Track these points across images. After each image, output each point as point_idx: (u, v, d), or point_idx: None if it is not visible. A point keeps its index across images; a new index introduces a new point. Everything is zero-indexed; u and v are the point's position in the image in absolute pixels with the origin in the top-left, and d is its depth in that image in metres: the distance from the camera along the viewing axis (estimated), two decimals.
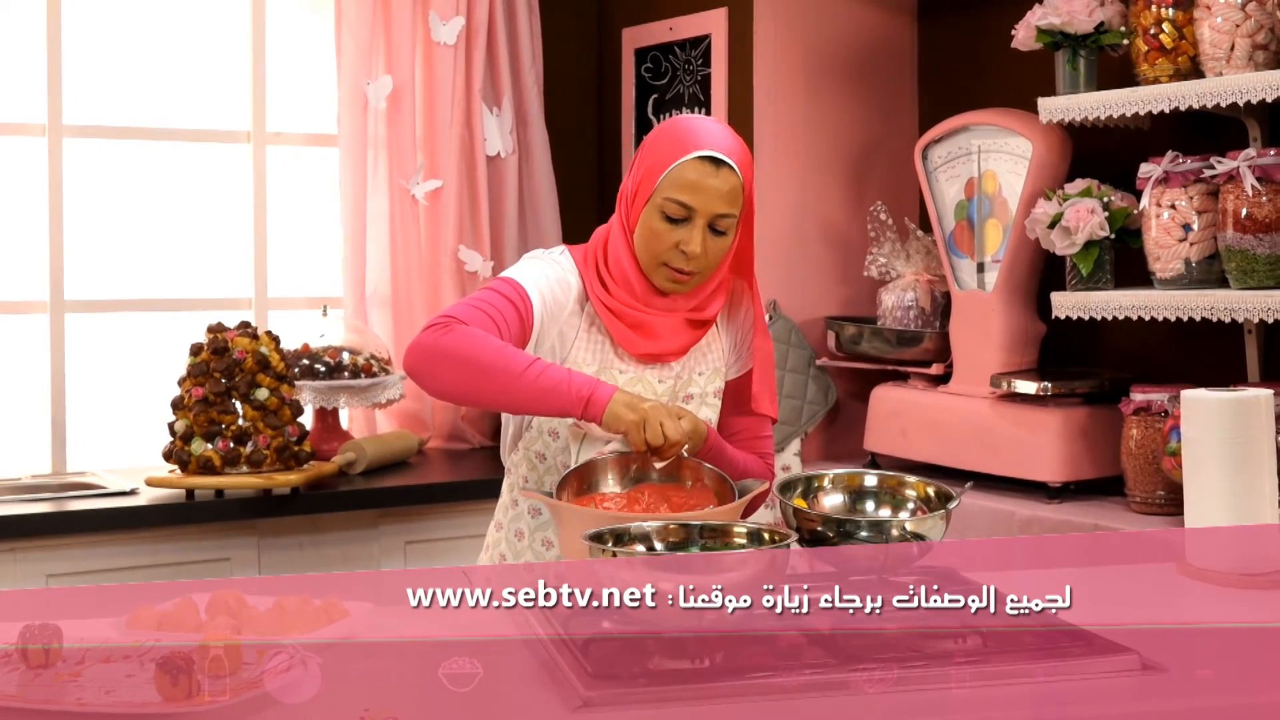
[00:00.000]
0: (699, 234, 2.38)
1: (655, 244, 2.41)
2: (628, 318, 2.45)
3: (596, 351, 2.47)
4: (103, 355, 4.17)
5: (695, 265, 2.40)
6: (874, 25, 4.18)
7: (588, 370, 2.44)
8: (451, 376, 2.32)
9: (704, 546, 2.05)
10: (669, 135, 2.44)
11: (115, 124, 4.17)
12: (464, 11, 4.28)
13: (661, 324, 2.46)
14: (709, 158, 2.38)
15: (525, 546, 2.52)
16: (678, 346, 2.47)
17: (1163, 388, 3.22)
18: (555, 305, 2.44)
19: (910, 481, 2.38)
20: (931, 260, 3.85)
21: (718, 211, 2.38)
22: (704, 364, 2.52)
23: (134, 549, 3.46)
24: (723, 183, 2.38)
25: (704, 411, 2.50)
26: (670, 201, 2.38)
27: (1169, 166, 3.12)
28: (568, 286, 2.45)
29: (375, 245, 4.27)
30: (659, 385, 2.47)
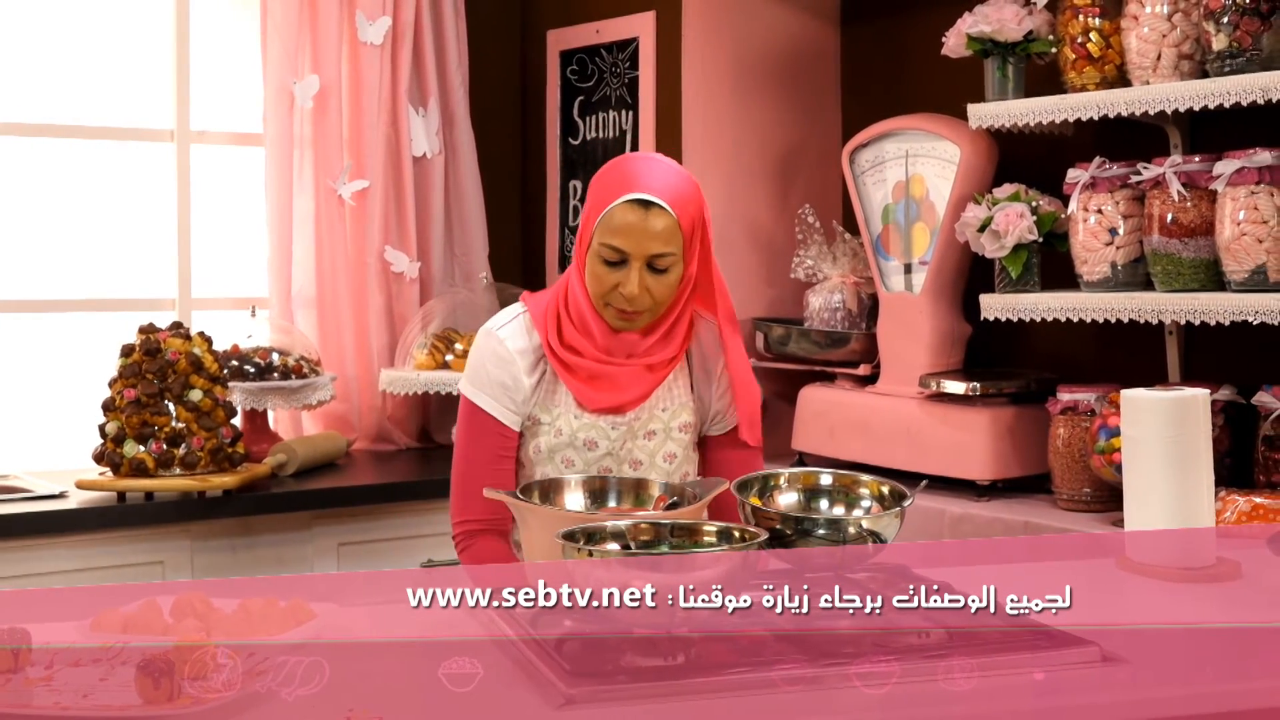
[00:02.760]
0: (635, 275, 2.44)
1: (597, 287, 2.48)
2: (581, 372, 2.53)
3: (559, 396, 2.55)
4: (22, 356, 4.11)
5: (637, 305, 2.47)
6: (798, 30, 4.23)
7: (553, 412, 2.53)
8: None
9: (674, 545, 2.07)
10: (606, 178, 2.51)
11: (36, 121, 4.10)
12: (390, 12, 4.27)
13: (619, 374, 2.53)
14: (638, 200, 2.43)
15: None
16: (636, 395, 2.54)
17: (1088, 388, 3.30)
18: (512, 388, 2.54)
19: (864, 480, 2.42)
20: (858, 262, 3.91)
21: (652, 252, 2.44)
22: (667, 399, 2.58)
23: (65, 553, 3.41)
24: (654, 223, 2.43)
25: (669, 445, 2.56)
26: (604, 246, 2.45)
27: (1096, 172, 3.20)
28: (512, 363, 2.53)
29: (301, 245, 4.25)
30: (611, 432, 2.54)
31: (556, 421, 2.54)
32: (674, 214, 2.45)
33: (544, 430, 2.54)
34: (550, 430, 2.54)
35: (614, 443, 2.54)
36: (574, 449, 2.54)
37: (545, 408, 2.55)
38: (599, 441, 2.54)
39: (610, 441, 2.54)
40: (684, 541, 2.08)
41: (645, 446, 2.55)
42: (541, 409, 2.55)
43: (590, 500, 2.34)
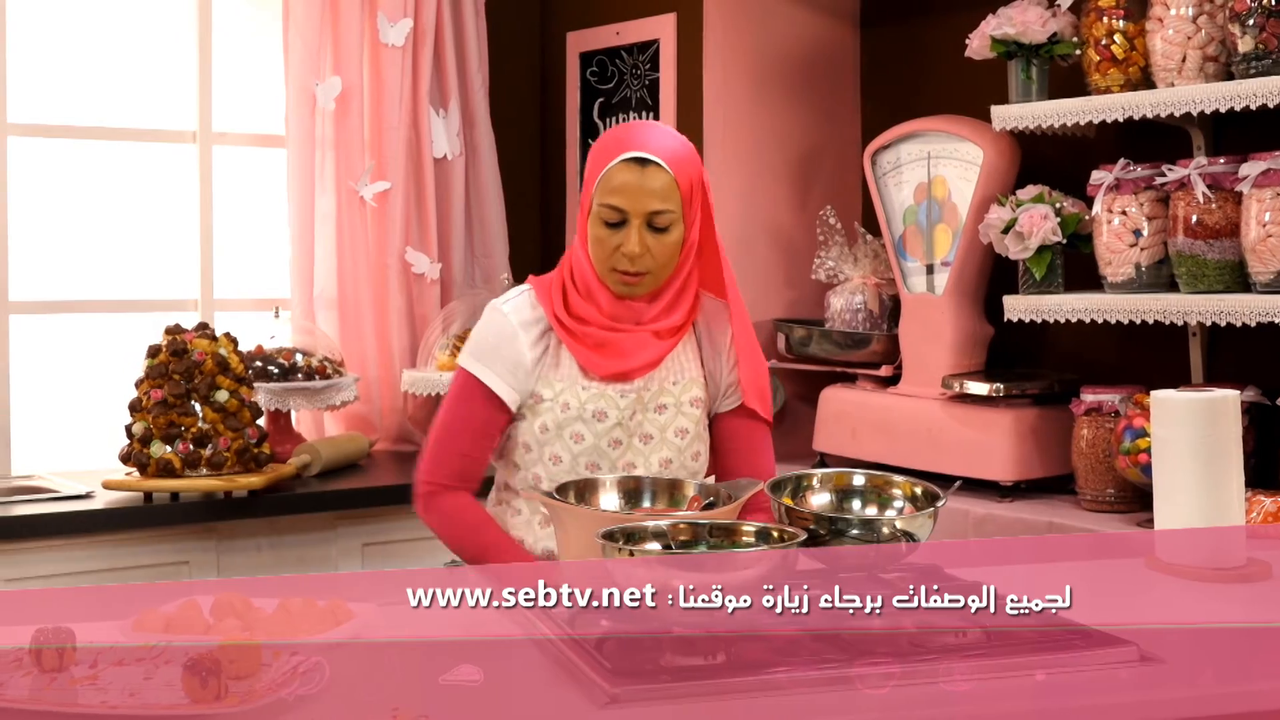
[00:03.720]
0: (635, 234, 2.46)
1: (600, 250, 2.50)
2: (589, 339, 2.53)
3: (564, 369, 2.55)
4: (46, 357, 4.12)
5: (640, 265, 2.48)
6: (819, 32, 4.25)
7: (556, 387, 2.53)
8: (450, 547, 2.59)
9: (712, 545, 2.08)
10: (603, 143, 2.54)
11: (60, 123, 4.12)
12: (412, 13, 4.28)
13: (626, 341, 2.53)
14: (635, 158, 2.46)
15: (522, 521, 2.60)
16: (644, 362, 2.54)
17: (1112, 389, 3.31)
18: (514, 364, 2.53)
19: (897, 481, 2.43)
20: (879, 264, 3.92)
21: (650, 209, 2.46)
22: (678, 373, 2.58)
23: (91, 553, 3.43)
24: (651, 180, 2.46)
25: (680, 420, 2.56)
26: (604, 207, 2.47)
27: (1120, 174, 3.21)
28: (516, 338, 2.54)
29: (323, 247, 4.26)
30: (621, 400, 2.53)
31: (561, 395, 2.53)
32: (671, 172, 2.47)
33: (547, 407, 2.53)
34: (555, 405, 2.53)
35: (623, 413, 2.52)
36: (582, 422, 2.52)
37: (548, 382, 2.54)
38: (608, 412, 2.52)
39: (620, 411, 2.52)
40: (722, 541, 2.09)
41: (656, 420, 2.55)
42: (544, 383, 2.54)
43: (625, 501, 2.35)
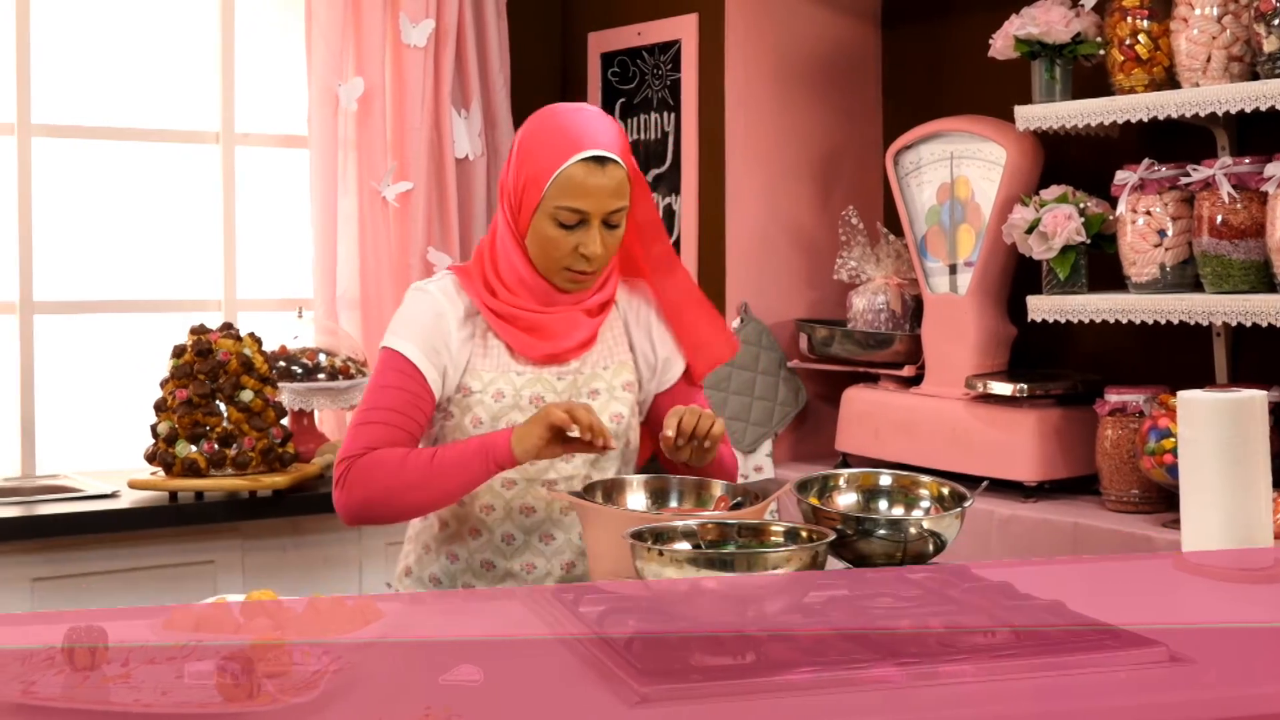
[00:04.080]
0: (597, 235, 2.39)
1: (553, 250, 2.41)
2: (521, 321, 2.45)
3: (493, 359, 2.46)
4: (71, 357, 4.14)
5: (596, 264, 2.42)
6: (840, 32, 4.25)
7: (485, 377, 2.45)
8: (385, 515, 2.42)
9: (740, 545, 2.09)
10: (549, 136, 2.41)
11: (84, 124, 4.14)
12: (434, 14, 4.29)
13: (557, 321, 2.46)
14: (594, 158, 2.38)
15: (432, 559, 2.53)
16: (577, 342, 2.48)
17: (1137, 389, 3.30)
18: (441, 345, 2.43)
19: (924, 481, 2.44)
20: (901, 264, 3.92)
21: (610, 209, 2.39)
22: (608, 357, 2.53)
23: (117, 552, 3.45)
24: (610, 179, 2.38)
25: (613, 406, 2.50)
26: (562, 209, 2.37)
27: (1145, 174, 3.21)
28: (443, 317, 2.44)
29: (345, 247, 4.28)
30: (558, 383, 2.48)
31: (493, 385, 2.45)
32: (624, 166, 2.41)
33: (477, 399, 2.45)
34: (488, 395, 2.44)
35: (560, 396, 2.45)
36: (519, 410, 2.44)
37: (475, 373, 2.45)
38: (545, 396, 2.45)
39: (557, 395, 2.45)
40: (750, 541, 2.10)
41: (590, 406, 2.46)
42: (471, 375, 2.45)
43: (652, 500, 2.35)
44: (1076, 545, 3.18)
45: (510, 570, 2.47)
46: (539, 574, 2.47)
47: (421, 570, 2.54)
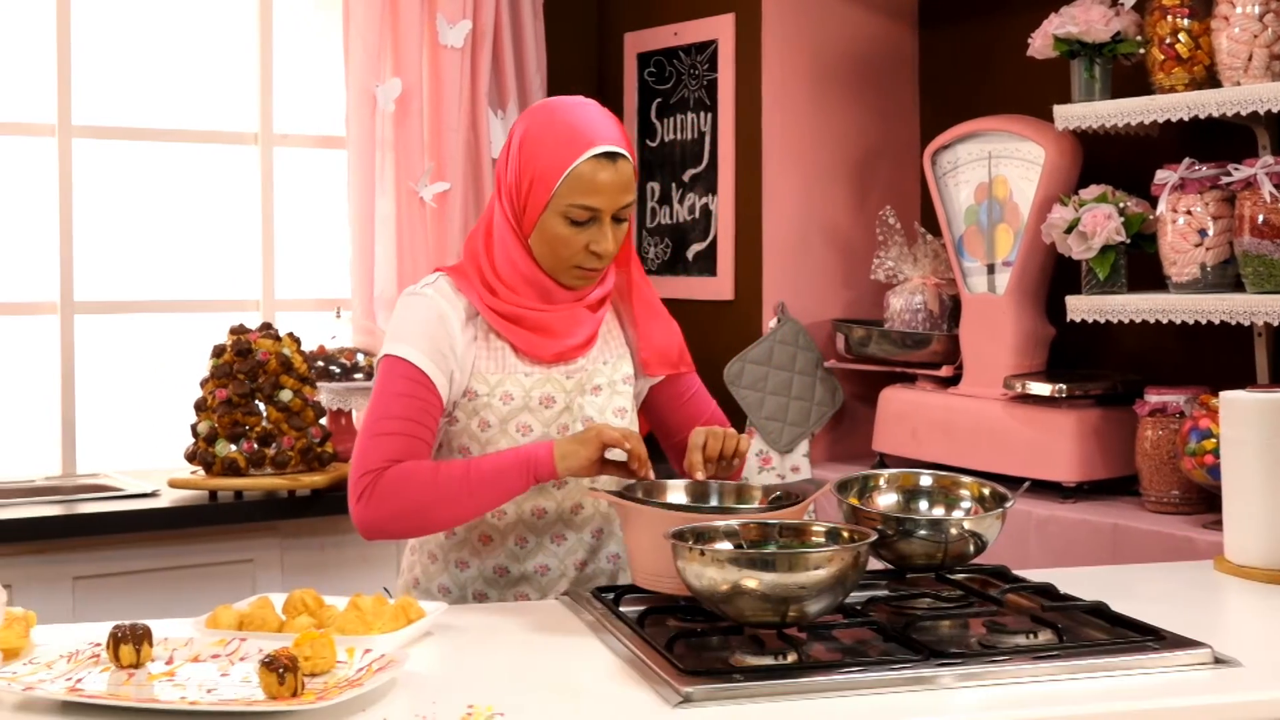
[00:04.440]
0: (609, 231, 2.36)
1: (564, 249, 2.36)
2: (526, 321, 2.40)
3: (498, 360, 2.41)
4: (110, 357, 4.17)
5: (607, 260, 2.39)
6: (877, 32, 4.24)
7: (491, 380, 2.39)
8: (412, 530, 2.36)
9: (781, 545, 2.08)
10: (555, 132, 2.35)
11: (124, 125, 4.17)
12: (470, 15, 4.31)
13: (562, 319, 2.42)
14: (606, 154, 2.33)
15: (440, 568, 2.49)
16: (583, 339, 2.44)
17: (1177, 389, 3.28)
18: (446, 348, 2.37)
19: (964, 482, 2.43)
20: (939, 264, 3.91)
21: (621, 204, 2.36)
22: (607, 352, 2.50)
23: (158, 550, 3.47)
24: (620, 175, 2.34)
25: (616, 400, 2.48)
26: (575, 207, 2.32)
27: (1185, 173, 3.19)
28: (445, 319, 2.37)
29: (383, 247, 4.29)
30: (567, 382, 2.44)
31: (500, 387, 2.39)
32: (631, 160, 2.37)
33: (484, 402, 2.39)
34: (495, 398, 2.39)
35: (569, 395, 2.42)
36: (529, 411, 2.39)
37: (481, 376, 2.38)
38: (555, 396, 2.41)
39: (566, 394, 2.41)
40: (792, 541, 2.09)
41: (594, 402, 2.44)
42: (477, 379, 2.38)
43: (692, 500, 2.35)
44: (1116, 546, 3.17)
45: (524, 573, 2.44)
46: (553, 575, 2.45)
47: (429, 581, 2.49)
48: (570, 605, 2.30)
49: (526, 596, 2.43)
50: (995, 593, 2.27)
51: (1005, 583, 2.34)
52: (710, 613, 2.08)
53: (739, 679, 1.84)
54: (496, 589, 2.45)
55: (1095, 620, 2.14)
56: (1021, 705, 1.83)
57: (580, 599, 2.31)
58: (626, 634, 2.06)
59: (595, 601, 2.25)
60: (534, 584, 2.44)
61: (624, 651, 2.01)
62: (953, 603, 2.21)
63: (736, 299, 4.21)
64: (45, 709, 1.79)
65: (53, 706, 1.80)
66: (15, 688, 1.81)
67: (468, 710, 1.77)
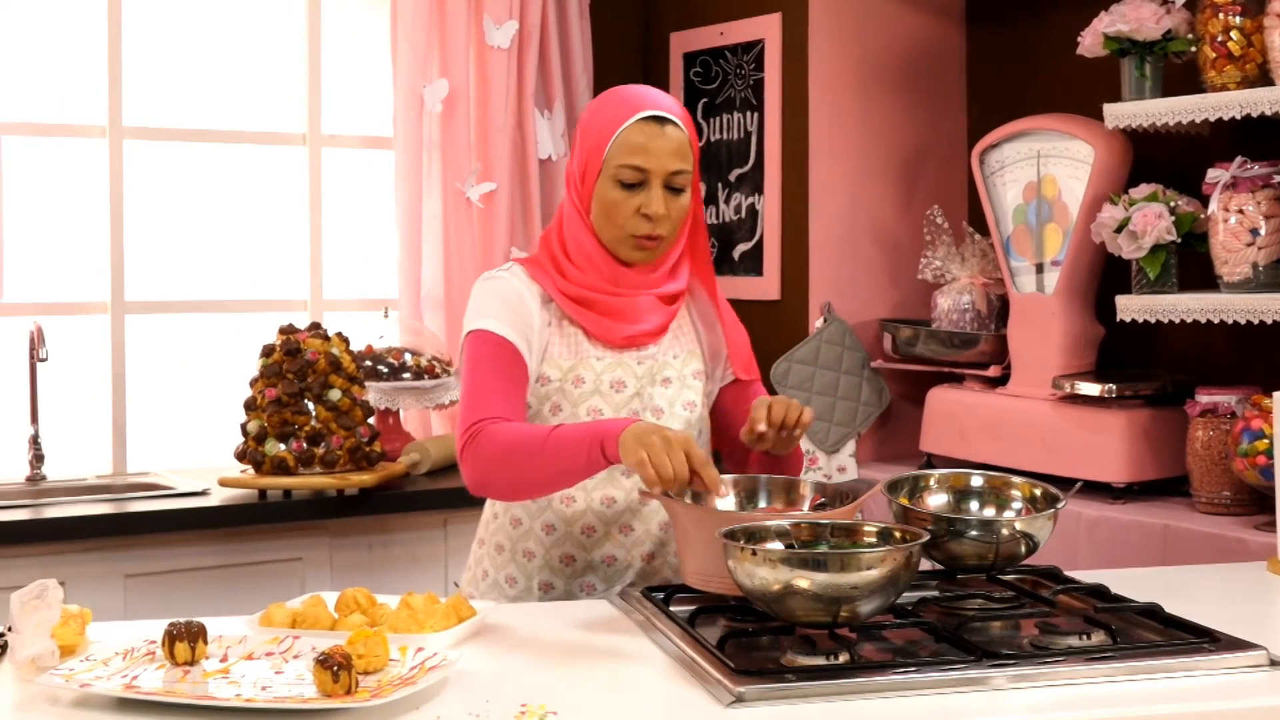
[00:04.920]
0: (658, 193, 2.38)
1: (616, 214, 2.40)
2: (599, 305, 2.43)
3: (571, 346, 2.44)
4: (162, 356, 4.20)
5: (661, 228, 2.40)
6: (924, 31, 4.23)
7: (564, 365, 2.42)
8: (504, 486, 2.31)
9: (833, 545, 2.08)
10: (606, 106, 2.44)
11: (174, 126, 4.20)
12: (517, 15, 4.31)
13: (637, 304, 2.44)
14: (652, 117, 2.39)
15: (506, 559, 2.51)
16: (655, 327, 2.46)
17: (1228, 390, 3.26)
18: (526, 325, 2.40)
19: (1015, 482, 2.42)
20: (987, 263, 3.90)
21: (671, 169, 2.39)
22: (677, 346, 2.51)
23: (208, 549, 3.49)
24: (670, 140, 2.39)
25: (686, 393, 2.49)
26: (624, 168, 2.38)
27: (1237, 172, 3.17)
28: (523, 298, 2.41)
29: (430, 247, 4.31)
30: (638, 368, 2.46)
31: (573, 371, 2.42)
32: (685, 130, 2.41)
33: (556, 388, 2.42)
34: (567, 382, 2.42)
35: (640, 381, 2.44)
36: (600, 395, 2.42)
37: (555, 362, 2.42)
38: (626, 381, 2.43)
39: (637, 380, 2.44)
40: (843, 541, 2.09)
41: (664, 394, 2.46)
42: (550, 364, 2.42)
43: (743, 499, 2.35)
44: (1167, 547, 3.15)
45: (590, 563, 2.45)
46: (619, 566, 2.45)
47: (497, 573, 2.51)
48: (619, 605, 2.30)
49: (593, 588, 2.44)
50: (1047, 594, 2.26)
51: (1057, 584, 2.33)
52: (760, 613, 2.08)
53: (791, 679, 1.83)
54: (563, 579, 2.46)
55: (1148, 622, 2.13)
56: (1075, 707, 1.82)
57: (630, 598, 2.31)
58: (677, 633, 2.06)
59: (645, 601, 2.25)
60: (600, 574, 2.45)
61: (675, 651, 2.02)
62: (1004, 604, 2.21)
63: (783, 299, 4.21)
64: (101, 705, 1.81)
65: (109, 703, 1.81)
66: (72, 685, 1.83)
67: (520, 709, 1.77)
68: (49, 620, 1.97)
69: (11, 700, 1.85)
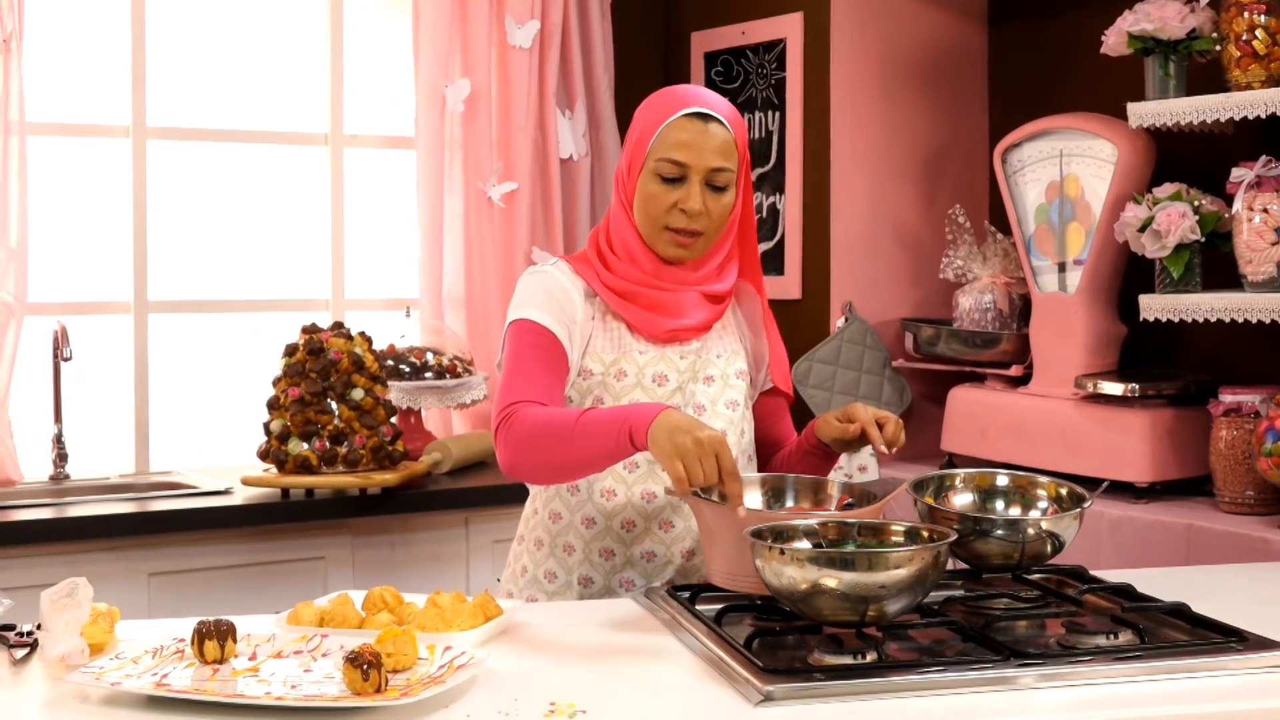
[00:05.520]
0: (697, 190, 2.39)
1: (654, 207, 2.42)
2: (642, 299, 2.45)
3: (614, 340, 2.45)
4: (182, 355, 4.21)
5: (698, 224, 2.41)
6: (946, 30, 4.22)
7: (606, 358, 2.44)
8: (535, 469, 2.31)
9: (860, 545, 2.08)
10: (654, 102, 2.47)
11: (197, 126, 4.21)
12: (539, 15, 4.32)
13: (680, 299, 2.45)
14: (696, 114, 2.41)
15: (546, 554, 2.50)
16: (698, 322, 2.47)
17: (1252, 389, 3.25)
18: (569, 317, 2.43)
19: (1041, 482, 2.41)
20: (1009, 262, 3.89)
21: (712, 166, 2.40)
22: (720, 345, 2.52)
23: (231, 547, 3.50)
24: (713, 137, 2.40)
25: (729, 392, 2.50)
26: (664, 162, 2.40)
27: (1262, 171, 3.16)
28: (566, 291, 2.44)
29: (451, 246, 4.31)
30: (680, 362, 2.46)
31: (615, 365, 2.42)
32: (730, 130, 2.42)
33: (599, 381, 2.42)
34: (609, 375, 2.42)
35: (683, 376, 2.45)
36: (642, 389, 2.42)
37: (597, 356, 2.43)
38: (669, 375, 2.44)
39: (680, 375, 2.44)
40: (870, 541, 2.09)
41: (706, 391, 2.47)
42: (593, 358, 2.43)
43: (770, 499, 2.35)
44: (1190, 547, 3.14)
45: (630, 558, 2.44)
46: (659, 563, 2.44)
47: (536, 568, 2.51)
48: (644, 604, 2.30)
49: (632, 584, 2.44)
50: (1073, 593, 2.26)
51: (1082, 583, 2.33)
52: (787, 612, 2.08)
53: (820, 678, 1.84)
54: (602, 574, 2.45)
55: (1176, 621, 2.13)
56: (1103, 706, 1.82)
57: (655, 597, 2.31)
58: (704, 632, 2.06)
59: (671, 600, 2.25)
60: (640, 570, 2.44)
61: (702, 650, 2.02)
62: (1031, 603, 2.21)
63: (804, 298, 4.21)
64: (131, 703, 1.81)
65: (139, 701, 1.82)
66: (103, 682, 1.84)
67: (550, 707, 1.78)
68: (79, 618, 1.98)
69: (42, 698, 1.86)
